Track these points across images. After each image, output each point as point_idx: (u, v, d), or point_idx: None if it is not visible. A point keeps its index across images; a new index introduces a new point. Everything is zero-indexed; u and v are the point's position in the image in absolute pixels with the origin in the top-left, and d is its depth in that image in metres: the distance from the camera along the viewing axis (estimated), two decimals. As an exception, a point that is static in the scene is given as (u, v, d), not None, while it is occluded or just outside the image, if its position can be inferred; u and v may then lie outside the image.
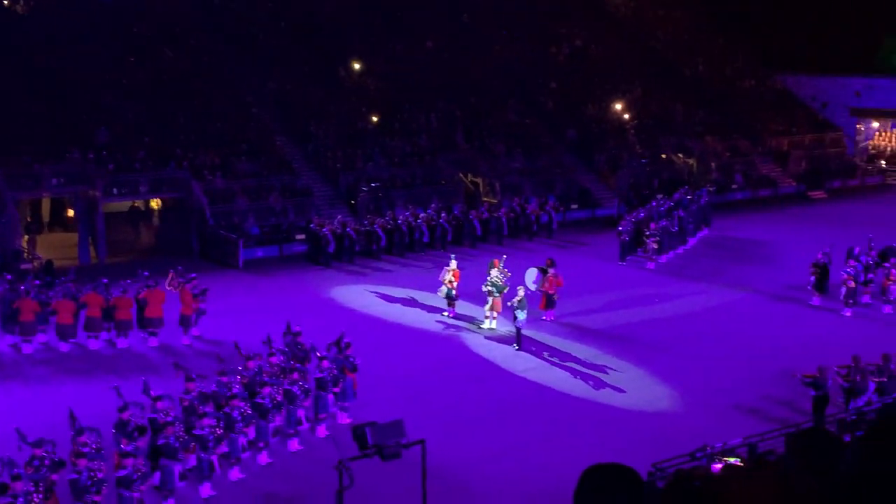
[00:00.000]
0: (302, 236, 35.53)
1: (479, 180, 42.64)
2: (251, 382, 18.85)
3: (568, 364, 23.32)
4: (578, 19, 58.02)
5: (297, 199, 38.10)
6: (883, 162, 54.48)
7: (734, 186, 47.28)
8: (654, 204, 37.85)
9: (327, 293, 30.22)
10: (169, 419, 16.88)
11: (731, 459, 13.40)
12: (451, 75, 48.35)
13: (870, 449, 1.42)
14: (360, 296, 29.84)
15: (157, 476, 16.15)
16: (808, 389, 19.27)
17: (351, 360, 20.03)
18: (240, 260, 33.86)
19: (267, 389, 18.28)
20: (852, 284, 27.14)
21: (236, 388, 18.39)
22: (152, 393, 17.68)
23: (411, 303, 28.71)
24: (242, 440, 17.53)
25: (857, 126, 56.92)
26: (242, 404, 17.70)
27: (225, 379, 18.70)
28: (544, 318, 26.56)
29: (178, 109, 40.32)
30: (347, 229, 34.50)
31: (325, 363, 19.45)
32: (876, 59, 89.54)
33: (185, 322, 25.01)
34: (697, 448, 14.56)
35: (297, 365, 19.77)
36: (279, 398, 18.47)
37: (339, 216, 36.08)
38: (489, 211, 38.27)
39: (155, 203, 39.69)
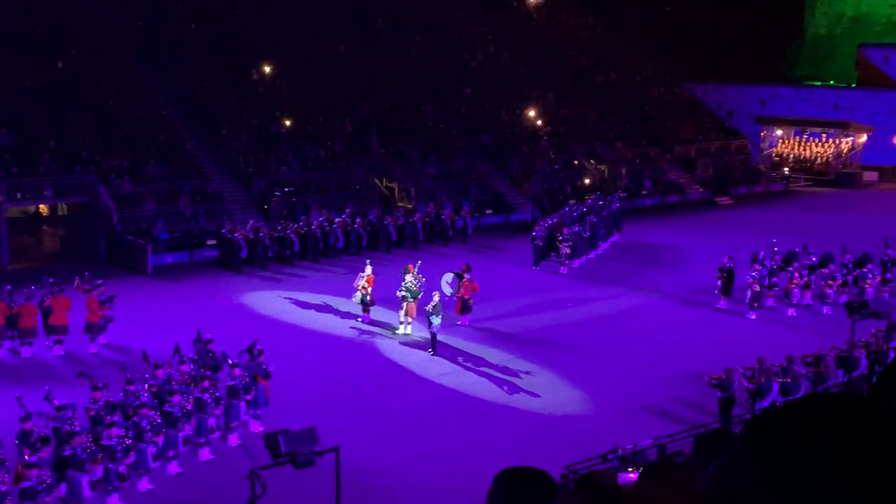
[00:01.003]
0: (213, 242, 34.95)
1: (394, 185, 42.59)
2: (160, 391, 18.45)
3: (483, 369, 23.42)
4: (492, 26, 58.49)
5: (209, 204, 37.48)
6: (786, 169, 56.17)
7: (644, 192, 48.18)
8: (567, 209, 38.35)
9: (239, 299, 29.78)
10: (75, 429, 16.40)
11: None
12: (366, 80, 48.22)
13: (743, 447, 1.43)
14: (274, 302, 29.49)
15: (63, 488, 15.68)
16: (715, 391, 19.73)
17: (263, 367, 19.77)
18: (148, 266, 33.13)
19: (177, 398, 17.91)
20: (757, 288, 27.89)
21: (145, 397, 17.97)
22: (56, 402, 17.16)
23: (325, 309, 28.49)
24: (152, 450, 17.13)
25: (762, 133, 58.62)
26: (151, 413, 17.31)
27: (133, 388, 18.26)
28: (459, 322, 26.63)
29: (85, 112, 39.30)
30: (260, 234, 34.07)
31: (237, 371, 19.16)
32: (779, 69, 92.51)
33: (91, 330, 24.34)
34: (609, 450, 14.77)
35: (208, 373, 19.43)
36: (189, 407, 18.10)
37: (252, 221, 35.60)
38: (404, 216, 38.25)
39: (61, 207, 38.58)
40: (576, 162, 48.53)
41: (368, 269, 27.19)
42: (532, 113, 50.69)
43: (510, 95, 52.14)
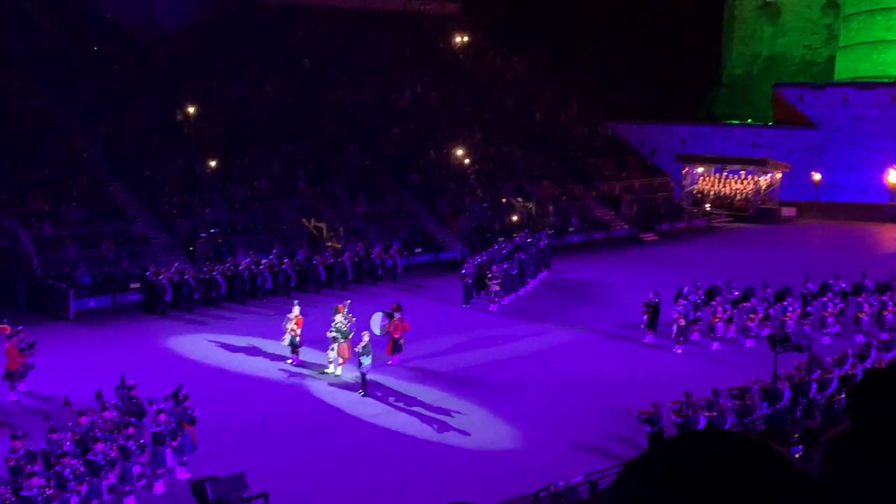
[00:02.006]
0: (137, 285, 34.28)
1: (322, 225, 42.41)
2: (83, 438, 17.95)
3: (414, 408, 23.30)
4: (418, 66, 58.98)
5: (132, 247, 36.80)
6: (707, 205, 57.45)
7: (571, 229, 48.79)
8: (496, 247, 38.62)
9: (164, 343, 29.21)
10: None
11: None
12: (293, 120, 48.14)
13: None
14: (200, 345, 28.98)
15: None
16: (644, 425, 19.92)
17: (189, 412, 19.37)
18: (70, 310, 32.32)
19: (100, 445, 17.43)
20: (682, 322, 28.35)
21: (67, 445, 17.46)
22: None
23: (254, 351, 28.10)
24: (75, 499, 16.60)
25: (683, 171, 59.95)
26: (74, 462, 16.81)
27: (55, 436, 17.73)
28: (390, 362, 26.49)
29: (4, 154, 38.40)
30: (185, 277, 33.54)
31: (162, 416, 18.74)
32: (698, 109, 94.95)
33: (11, 377, 23.61)
34: (541, 487, 14.78)
35: (132, 419, 18.99)
36: (113, 454, 17.63)
37: (177, 263, 35.05)
38: (333, 256, 38.06)
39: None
40: (504, 200, 48.97)
41: (297, 310, 26.93)
42: (460, 152, 51.11)
43: (438, 135, 52.54)
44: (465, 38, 66.59)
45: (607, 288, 37.50)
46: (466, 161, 50.89)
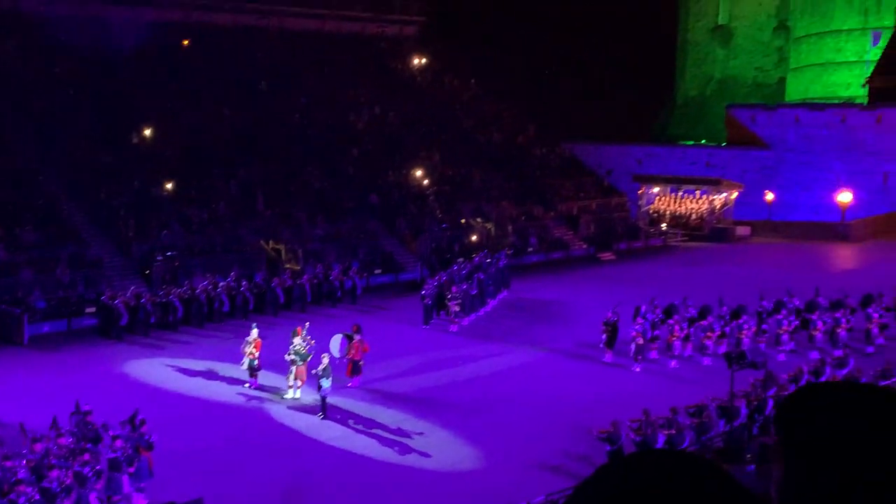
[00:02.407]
0: (92, 309, 33.82)
1: (281, 247, 42.20)
2: (38, 466, 17.62)
3: (374, 431, 23.20)
4: (377, 88, 59.13)
5: (87, 271, 36.34)
6: (663, 225, 58.05)
7: (530, 249, 49.02)
8: (456, 268, 38.68)
9: (120, 368, 28.83)
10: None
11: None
12: (251, 141, 47.97)
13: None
14: (157, 370, 28.64)
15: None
16: (604, 444, 20.01)
17: (146, 437, 19.13)
18: (24, 336, 31.79)
19: (55, 472, 17.13)
20: (640, 341, 28.58)
21: (22, 473, 17.13)
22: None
23: (211, 375, 27.83)
24: (28, 530, 16.27)
25: (640, 191, 60.56)
26: (29, 490, 16.49)
27: (9, 463, 17.40)
28: (350, 385, 26.37)
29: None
30: (142, 300, 33.16)
31: (119, 442, 18.49)
32: (653, 130, 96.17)
33: (-39, 405, 23.14)
34: (503, 508, 14.79)
35: (88, 445, 18.70)
36: (69, 481, 17.33)
37: (133, 287, 34.65)
38: (292, 278, 37.87)
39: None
40: (463, 221, 49.12)
41: (255, 333, 26.74)
42: (419, 173, 51.21)
43: (397, 156, 52.64)
44: (423, 60, 66.92)
45: (566, 307, 37.70)
46: (425, 182, 51.01)
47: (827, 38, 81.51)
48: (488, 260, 40.36)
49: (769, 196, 60.58)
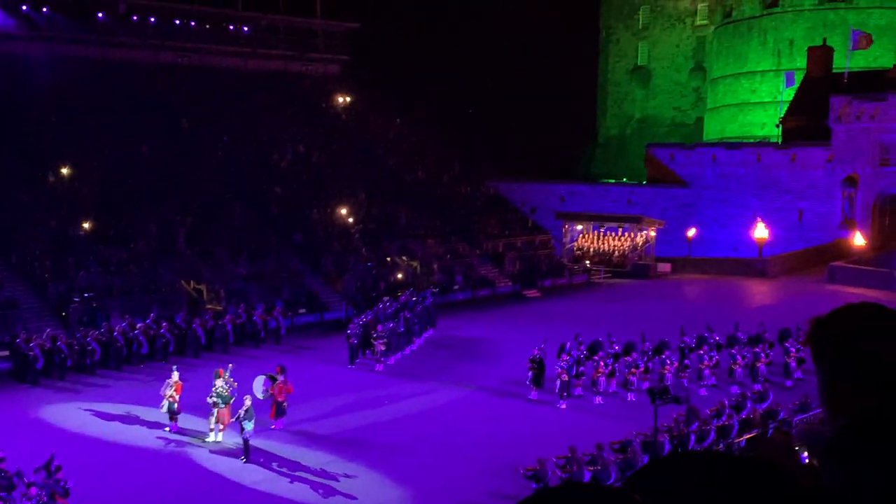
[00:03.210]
0: (6, 353, 32.70)
1: (202, 287, 41.50)
2: (-57, 520, 16.86)
3: (299, 473, 22.78)
4: (300, 126, 58.94)
5: (1, 313, 35.21)
6: (587, 262, 58.73)
7: (455, 287, 49.09)
8: (381, 306, 38.48)
9: (35, 413, 27.86)
10: None
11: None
12: (172, 180, 47.28)
13: None
14: (74, 414, 27.75)
15: None
16: (530, 482, 19.97)
17: (62, 484, 18.47)
18: (-68, 381, 30.58)
19: (-38, 526, 16.41)
20: (566, 378, 28.72)
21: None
22: None
23: (130, 419, 27.07)
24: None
25: (563, 228, 61.26)
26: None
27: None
28: (273, 426, 25.90)
29: None
30: (58, 343, 32.19)
31: (33, 490, 17.82)
32: (576, 168, 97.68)
33: None
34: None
35: (2, 494, 17.95)
36: (-23, 535, 16.62)
37: (49, 329, 33.63)
38: (213, 318, 37.19)
39: None
40: (388, 259, 49.01)
41: (175, 376, 26.14)
42: (343, 211, 51.02)
43: (321, 194, 52.40)
44: (347, 99, 67.01)
45: (492, 345, 37.74)
46: (350, 220, 50.83)
47: (742, 79, 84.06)
48: (414, 298, 40.27)
49: (689, 233, 61.82)
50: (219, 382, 25.11)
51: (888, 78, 60.61)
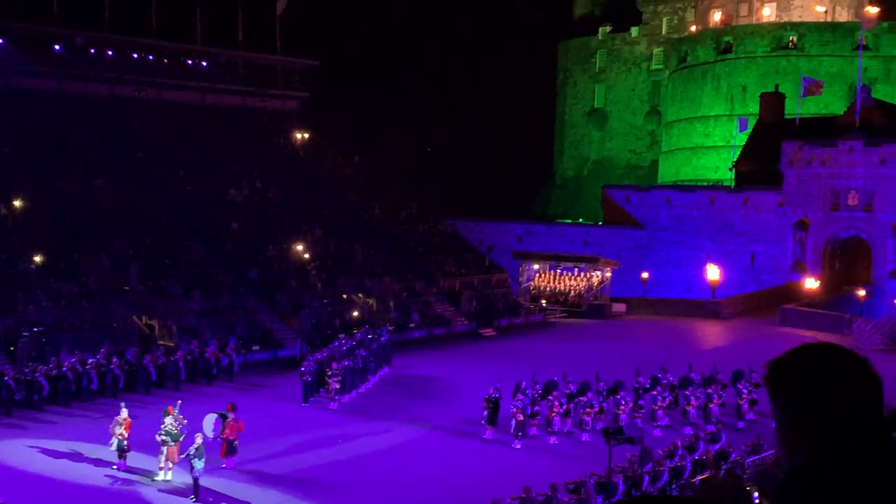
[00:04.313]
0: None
1: (154, 323, 40.92)
2: None
3: (249, 513, 22.41)
4: (258, 161, 58.76)
5: (-54, 347, 34.44)
6: (543, 301, 58.94)
7: (412, 325, 48.95)
8: (337, 343, 38.21)
9: (-22, 451, 27.16)
10: None
11: None
12: (126, 214, 46.78)
13: None
14: (20, 452, 27.08)
15: None
16: (485, 523, 19.82)
17: (4, 525, 17.97)
18: None
19: None
20: (521, 417, 28.67)
21: None
22: None
23: (78, 457, 26.48)
24: None
25: (520, 268, 61.48)
26: None
27: None
28: (224, 465, 25.48)
29: None
30: (5, 378, 31.48)
31: (-28, 532, 17.30)
32: (533, 208, 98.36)
33: None
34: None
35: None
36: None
37: (-4, 364, 32.93)
38: (165, 355, 36.64)
39: None
40: (344, 296, 48.77)
41: (125, 413, 25.67)
42: (300, 247, 50.78)
43: (278, 230, 52.13)
44: (306, 135, 67.01)
45: (448, 384, 37.61)
46: (306, 257, 50.58)
47: (695, 123, 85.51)
48: (370, 336, 40.06)
49: (644, 274, 62.37)
50: (168, 420, 24.70)
51: (839, 124, 61.97)
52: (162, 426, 24.61)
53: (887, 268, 57.62)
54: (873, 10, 72.43)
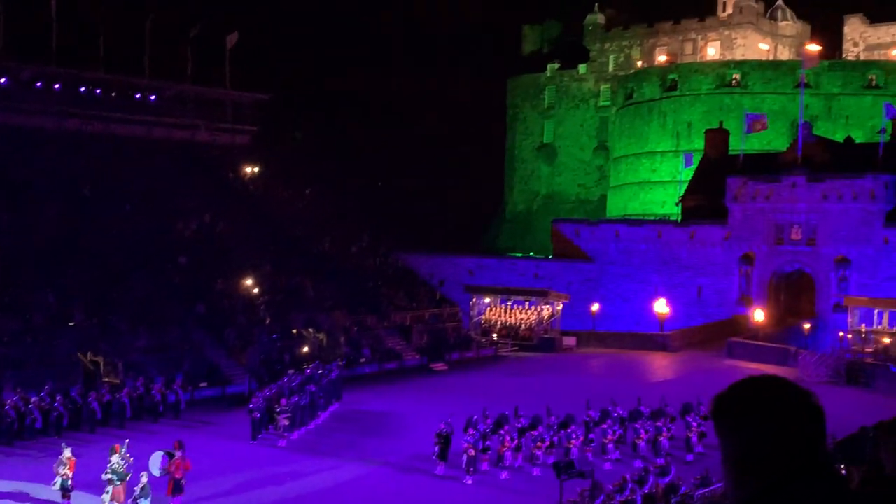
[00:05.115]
0: None
1: (99, 359, 40.17)
2: None
3: (196, 554, 21.97)
4: (206, 195, 58.29)
5: None
6: (494, 335, 59.00)
7: (362, 360, 48.67)
8: (286, 379, 37.81)
9: (-86, 493, 26.34)
10: None
11: None
12: (70, 249, 46.03)
13: None
14: (-44, 493, 26.33)
15: None
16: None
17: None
18: None
19: None
20: (472, 452, 28.55)
21: None
22: None
23: (21, 497, 25.82)
24: None
25: (471, 301, 61.54)
26: None
27: None
28: (170, 504, 25.00)
29: None
30: (-57, 417, 30.68)
31: None
32: (484, 242, 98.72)
33: None
34: None
35: None
36: None
37: (-66, 403, 32.06)
38: (110, 392, 35.97)
39: None
40: (294, 331, 48.38)
41: (68, 452, 25.10)
42: (249, 282, 50.34)
43: (226, 265, 51.65)
44: (256, 169, 66.71)
45: (399, 419, 37.38)
46: (256, 291, 50.14)
47: (643, 158, 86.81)
48: (320, 371, 39.72)
49: (593, 307, 62.79)
50: (114, 458, 24.20)
51: (781, 160, 63.26)
52: (108, 465, 24.10)
53: (831, 301, 58.66)
54: (814, 49, 74.33)
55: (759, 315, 58.37)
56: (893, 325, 50.99)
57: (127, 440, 25.94)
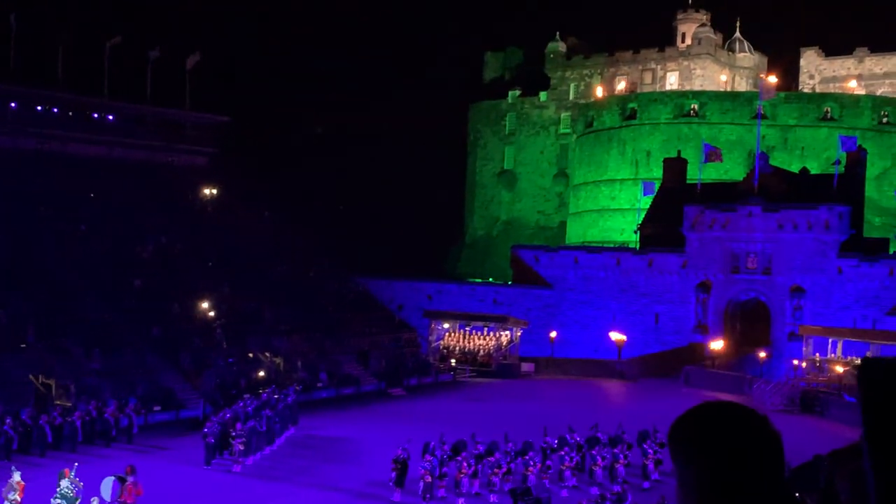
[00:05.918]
0: None
1: (51, 382, 39.42)
2: None
3: (146, 582, 21.53)
4: (164, 217, 57.74)
5: None
6: (453, 360, 58.86)
7: (319, 385, 48.27)
8: (241, 404, 37.36)
9: None
10: None
11: None
12: (24, 270, 45.27)
13: None
14: None
15: None
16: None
17: None
18: None
19: None
20: (429, 479, 28.36)
21: None
22: None
23: (-37, 524, 25.17)
24: None
25: (430, 327, 61.38)
26: None
27: None
28: (121, 531, 24.50)
29: None
30: None
31: None
32: (444, 267, 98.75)
33: None
34: None
35: None
36: None
37: None
38: (62, 415, 35.30)
39: None
40: (251, 354, 47.89)
41: (17, 476, 24.57)
42: (205, 305, 49.80)
43: (182, 287, 51.07)
44: (214, 191, 66.24)
45: (356, 445, 37.07)
46: (212, 314, 49.62)
47: (602, 186, 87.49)
48: (276, 396, 39.32)
49: (552, 334, 62.94)
50: (64, 483, 23.73)
51: (738, 190, 64.06)
52: (57, 489, 23.63)
53: (786, 330, 59.33)
54: (772, 81, 75.64)
55: (716, 343, 58.87)
56: (847, 354, 51.62)
57: (77, 464, 25.47)
